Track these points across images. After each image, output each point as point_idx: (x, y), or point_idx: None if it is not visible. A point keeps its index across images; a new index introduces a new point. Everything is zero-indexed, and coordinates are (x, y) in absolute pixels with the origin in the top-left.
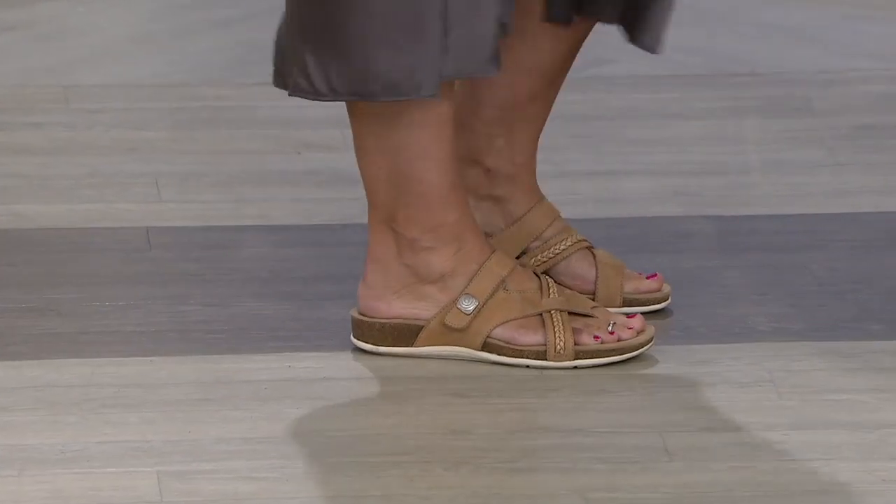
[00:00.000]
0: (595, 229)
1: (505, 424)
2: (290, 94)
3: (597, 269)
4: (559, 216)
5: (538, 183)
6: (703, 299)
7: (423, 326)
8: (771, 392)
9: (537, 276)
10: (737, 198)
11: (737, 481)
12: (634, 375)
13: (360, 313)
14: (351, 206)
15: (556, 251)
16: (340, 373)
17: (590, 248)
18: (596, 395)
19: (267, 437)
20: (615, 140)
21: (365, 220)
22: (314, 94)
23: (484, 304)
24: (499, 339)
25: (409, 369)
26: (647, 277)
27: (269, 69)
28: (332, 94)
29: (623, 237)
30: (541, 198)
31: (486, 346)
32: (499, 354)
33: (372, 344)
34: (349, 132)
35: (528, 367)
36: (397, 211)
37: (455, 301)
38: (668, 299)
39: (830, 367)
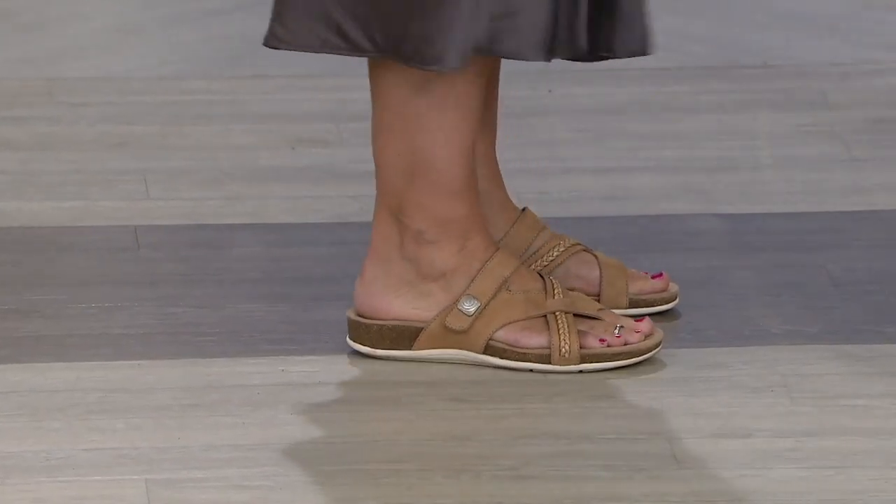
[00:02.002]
0: (601, 227)
1: (507, 430)
2: (317, 52)
3: (600, 271)
4: (545, 227)
5: (541, 181)
6: (714, 300)
7: (422, 328)
8: (784, 397)
9: (542, 276)
10: (749, 195)
11: (748, 490)
12: (642, 380)
13: (358, 314)
14: (347, 203)
15: (550, 258)
16: (336, 377)
17: (586, 250)
18: (602, 400)
19: (259, 444)
20: (622, 135)
21: (361, 218)
22: (351, 50)
23: (486, 305)
24: (502, 342)
25: (407, 373)
26: (653, 277)
27: (257, 52)
28: (374, 50)
29: (630, 236)
30: (519, 212)
31: (488, 349)
32: (501, 358)
33: (369, 346)
34: (344, 126)
35: (531, 371)
36: (407, 198)
37: (456, 302)
38: (675, 299)
39: (846, 372)
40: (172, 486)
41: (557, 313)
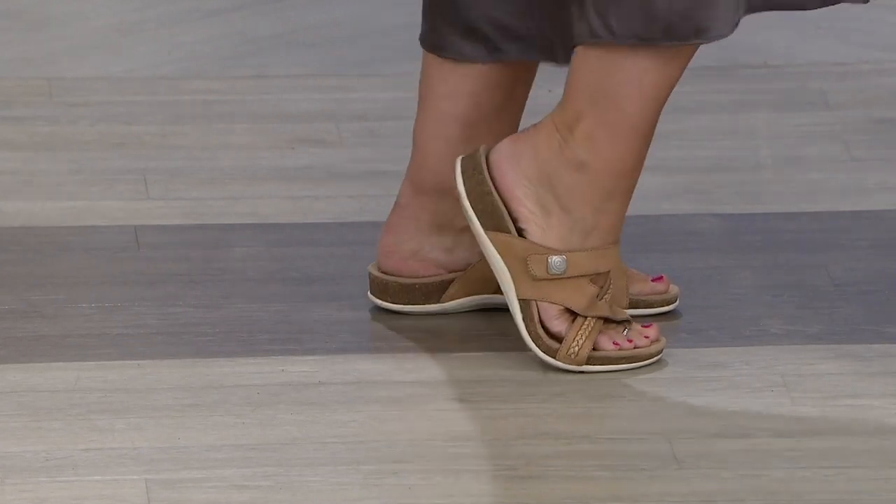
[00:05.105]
0: None
1: (507, 431)
2: (574, 44)
3: None
4: None
5: None
6: (714, 300)
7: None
8: (784, 397)
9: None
10: (749, 195)
11: (748, 490)
12: (642, 380)
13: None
14: (347, 203)
15: None
16: (336, 377)
17: None
18: (602, 401)
19: (259, 444)
20: None
21: (361, 218)
22: (590, 36)
23: (565, 278)
24: (535, 309)
25: (408, 373)
26: (653, 280)
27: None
28: (610, 36)
29: (631, 235)
30: None
31: (521, 303)
32: (522, 318)
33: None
34: (344, 126)
35: (533, 352)
36: (583, 119)
37: (548, 252)
38: (676, 301)
39: (846, 372)
40: (172, 486)
41: (590, 318)
